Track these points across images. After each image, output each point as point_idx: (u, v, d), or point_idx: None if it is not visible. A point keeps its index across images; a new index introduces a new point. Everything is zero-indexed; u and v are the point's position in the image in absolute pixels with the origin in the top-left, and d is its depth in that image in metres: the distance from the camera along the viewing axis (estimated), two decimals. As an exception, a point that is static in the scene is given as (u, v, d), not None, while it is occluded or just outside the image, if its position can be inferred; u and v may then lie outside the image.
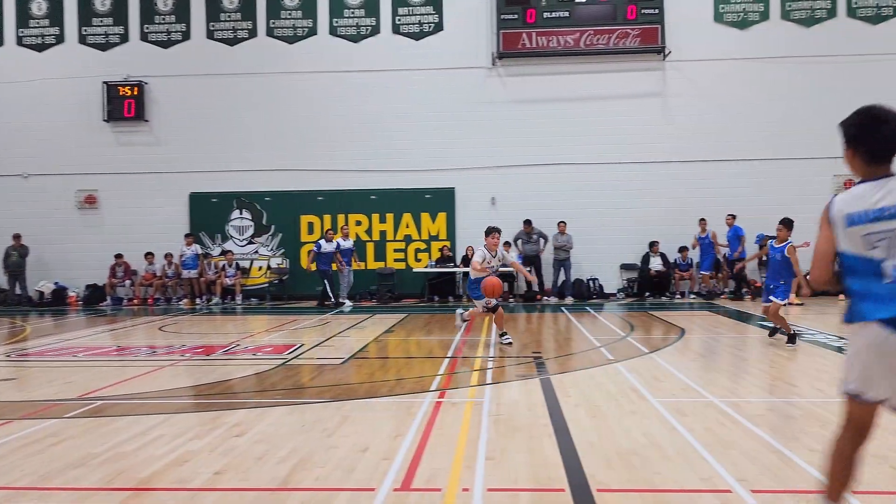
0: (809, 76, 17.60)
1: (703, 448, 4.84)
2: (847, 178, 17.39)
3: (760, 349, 9.73)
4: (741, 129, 17.72)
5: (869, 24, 17.63)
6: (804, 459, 4.56)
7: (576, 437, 5.17)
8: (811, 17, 17.74)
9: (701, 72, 17.86)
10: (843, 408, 3.20)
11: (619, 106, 18.00)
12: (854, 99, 14.13)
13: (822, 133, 17.47)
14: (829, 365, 8.15)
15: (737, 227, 16.73)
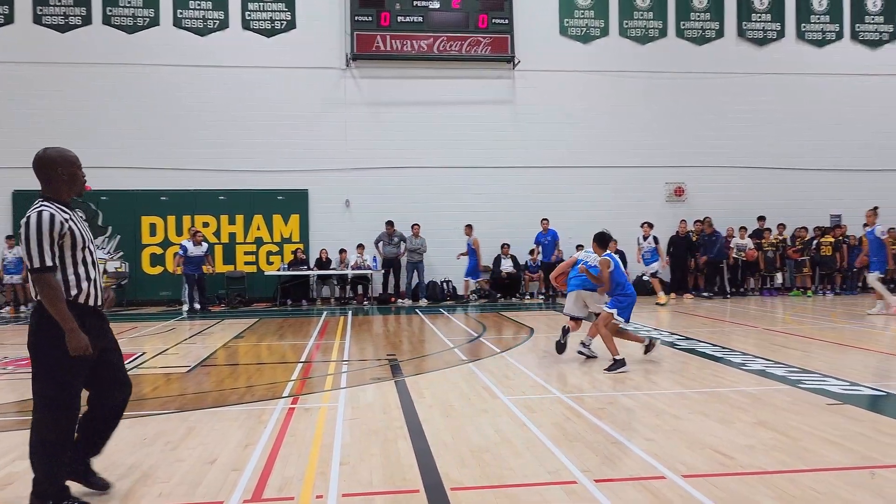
0: (644, 90, 18.90)
1: (551, 442, 5.03)
2: (677, 186, 18.89)
3: (603, 346, 10.29)
4: (584, 138, 18.71)
5: (694, 44, 19.20)
6: (641, 448, 4.86)
7: (430, 438, 5.20)
8: (645, 36, 19.06)
9: (548, 82, 18.67)
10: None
11: (471, 112, 18.45)
12: (682, 112, 15.46)
13: (655, 143, 19.13)
14: (665, 359, 8.76)
15: (552, 231, 17.57)
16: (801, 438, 5.05)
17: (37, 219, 3.72)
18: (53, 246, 3.75)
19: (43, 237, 3.70)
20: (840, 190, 19.24)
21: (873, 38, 19.76)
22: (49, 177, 3.89)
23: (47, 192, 3.89)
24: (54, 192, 3.90)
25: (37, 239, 3.69)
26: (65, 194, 3.94)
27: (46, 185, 3.90)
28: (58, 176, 3.89)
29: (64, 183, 3.91)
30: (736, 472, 4.34)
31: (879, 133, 19.45)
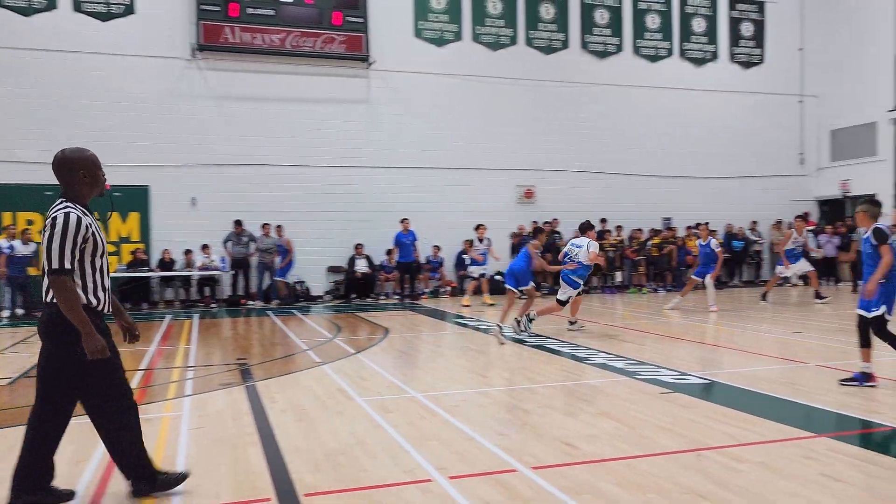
0: (496, 95, 19.46)
1: (407, 442, 5.04)
2: (527, 188, 19.61)
3: (457, 345, 10.50)
4: (439, 140, 18.97)
5: (543, 53, 20.04)
6: (494, 443, 4.98)
7: (282, 444, 5.05)
8: (497, 43, 19.65)
9: (403, 83, 18.76)
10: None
11: (325, 110, 18.17)
12: (532, 118, 16.00)
13: (506, 147, 19.74)
14: (516, 356, 9.06)
15: (399, 234, 17.70)
16: (639, 426, 5.38)
17: (64, 220, 3.67)
18: (76, 249, 3.71)
19: (67, 239, 3.67)
20: (670, 195, 20.80)
21: (698, 56, 21.54)
22: (70, 179, 3.84)
23: (69, 193, 3.84)
24: (76, 194, 3.85)
25: (60, 240, 3.66)
26: (86, 196, 3.90)
27: (68, 187, 3.85)
28: (79, 178, 3.85)
29: (85, 185, 3.87)
30: (581, 462, 4.56)
31: (704, 143, 21.23)
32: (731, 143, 21.50)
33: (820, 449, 4.77)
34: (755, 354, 8.91)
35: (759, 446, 4.83)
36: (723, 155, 21.40)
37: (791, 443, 4.92)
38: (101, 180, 3.98)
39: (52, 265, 3.66)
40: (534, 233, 11.92)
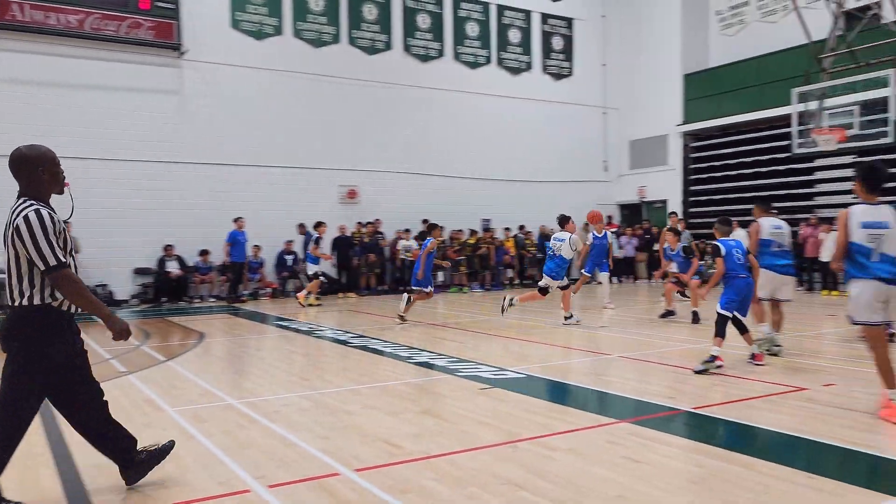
0: (317, 93, 19.16)
1: (222, 451, 4.79)
2: (350, 188, 19.49)
3: (278, 348, 10.18)
4: (259, 136, 18.33)
5: (366, 53, 20.04)
6: (317, 448, 4.86)
7: (80, 463, 4.59)
8: (319, 40, 19.35)
9: (220, 75, 17.92)
10: (864, 333, 5.74)
11: (132, 100, 16.90)
12: (355, 118, 15.84)
13: (329, 146, 19.49)
14: (339, 357, 8.94)
15: (234, 232, 17.03)
16: (459, 422, 5.51)
17: (37, 217, 3.58)
18: (59, 242, 3.62)
19: (49, 235, 3.58)
20: (489, 197, 21.65)
21: (514, 65, 22.60)
22: (30, 177, 3.73)
23: (29, 192, 3.72)
24: (35, 192, 3.74)
25: (44, 237, 3.57)
26: (47, 194, 3.80)
27: (27, 185, 3.73)
28: (38, 175, 3.74)
29: (45, 183, 3.77)
30: (404, 460, 4.57)
31: (521, 148, 22.31)
32: (545, 149, 22.78)
33: (622, 433, 5.14)
34: (566, 348, 9.47)
35: (570, 434, 5.12)
36: (537, 160, 22.62)
37: (597, 429, 5.27)
38: (61, 178, 3.88)
39: (49, 262, 3.57)
40: (428, 229, 12.57)
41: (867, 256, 5.47)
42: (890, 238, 5.44)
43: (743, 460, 4.45)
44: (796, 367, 7.57)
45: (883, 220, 5.49)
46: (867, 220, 5.51)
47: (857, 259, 5.53)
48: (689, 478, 4.24)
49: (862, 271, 5.50)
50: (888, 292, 5.44)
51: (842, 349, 8.79)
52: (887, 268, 5.42)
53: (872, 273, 5.44)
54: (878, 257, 5.43)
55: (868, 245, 5.46)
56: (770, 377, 7.07)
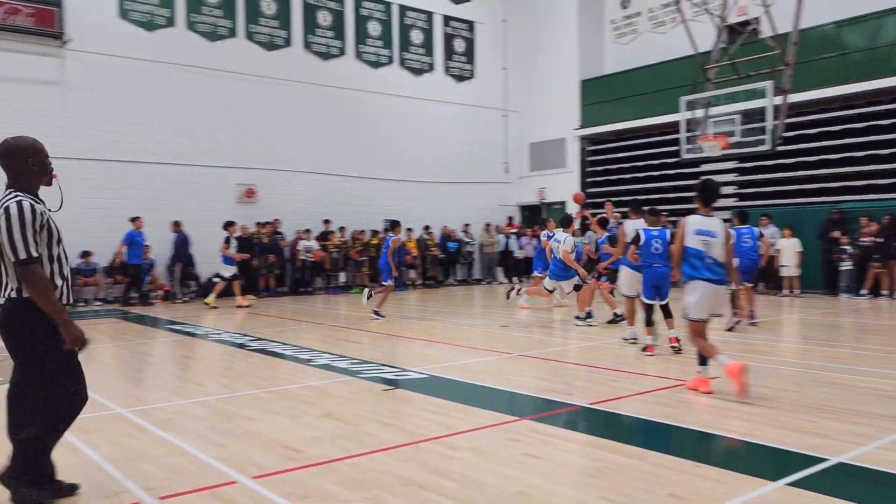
0: (213, 88, 18.53)
1: (109, 464, 4.54)
2: (248, 187, 18.96)
3: (171, 353, 9.77)
4: (150, 132, 17.55)
5: (264, 49, 19.55)
6: (213, 456, 4.68)
7: None
8: (214, 33, 18.72)
9: (107, 67, 17.02)
10: (690, 327, 6.45)
11: (8, 91, 15.77)
12: (253, 115, 15.45)
13: (226, 143, 18.91)
14: (237, 361, 8.66)
15: (132, 233, 16.24)
16: (362, 424, 5.45)
17: (17, 209, 3.57)
18: (36, 236, 3.60)
19: (26, 227, 3.56)
20: (392, 198, 21.60)
21: (417, 66, 22.67)
22: (19, 168, 3.74)
23: (17, 184, 3.73)
24: (24, 184, 3.74)
25: (20, 229, 3.55)
26: (35, 186, 3.80)
27: (16, 177, 3.74)
28: (28, 167, 3.75)
29: (34, 174, 3.78)
30: (304, 465, 4.47)
31: (424, 149, 22.39)
32: (448, 150, 22.97)
33: (523, 430, 5.23)
34: (467, 348, 9.56)
35: (471, 433, 5.17)
36: (440, 161, 22.77)
37: (498, 427, 5.34)
38: (49, 169, 3.87)
39: (19, 255, 3.53)
40: (391, 226, 13.10)
41: (701, 259, 6.33)
42: (717, 245, 6.34)
43: (636, 452, 4.62)
44: (684, 362, 7.95)
45: (712, 229, 6.40)
46: (700, 228, 6.39)
47: (692, 262, 6.38)
48: (586, 471, 4.36)
49: (696, 272, 6.35)
50: (715, 291, 6.34)
51: (729, 345, 9.29)
52: (716, 271, 6.34)
53: (703, 274, 6.31)
54: (709, 261, 6.33)
55: (701, 249, 6.33)
56: (661, 372, 7.38)
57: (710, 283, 6.32)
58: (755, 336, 10.07)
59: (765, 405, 5.86)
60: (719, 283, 6.35)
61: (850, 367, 7.56)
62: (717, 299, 6.40)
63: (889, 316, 12.63)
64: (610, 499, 3.83)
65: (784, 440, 4.85)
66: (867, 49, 16.64)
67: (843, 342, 9.58)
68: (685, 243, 6.40)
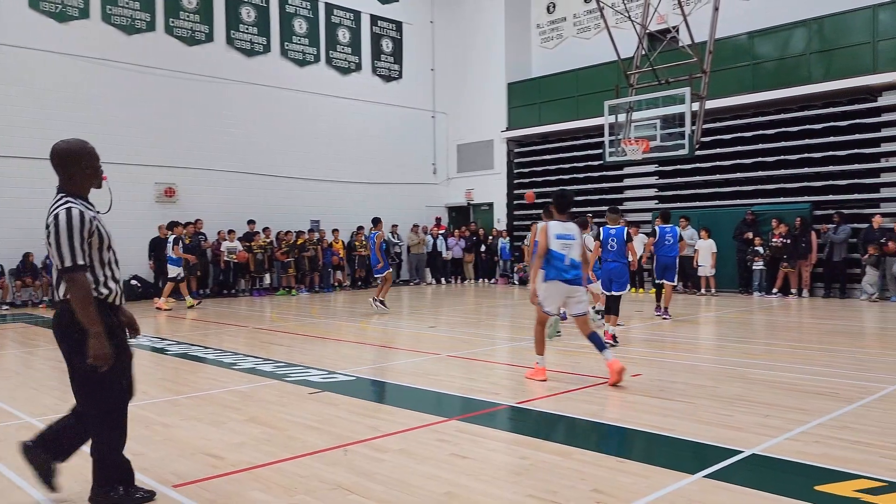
0: (130, 84, 17.87)
1: (18, 476, 4.30)
2: (167, 186, 18.37)
3: (83, 358, 9.34)
4: (61, 129, 16.76)
5: (185, 44, 18.98)
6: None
7: None
8: (132, 26, 18.05)
9: (16, 60, 16.18)
10: (539, 314, 7.01)
11: None
12: (173, 112, 15.09)
13: (144, 141, 18.28)
14: (156, 366, 8.37)
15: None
16: (287, 429, 5.34)
17: (66, 216, 3.55)
18: (83, 244, 3.59)
19: (74, 235, 3.54)
20: (319, 198, 21.34)
21: (344, 65, 22.46)
22: (72, 172, 3.72)
23: (69, 186, 3.71)
24: (77, 187, 3.73)
25: (67, 237, 3.53)
26: (87, 189, 3.79)
27: (68, 180, 3.72)
28: (82, 170, 3.74)
29: (87, 178, 3.77)
30: (227, 472, 4.35)
31: (351, 149, 22.21)
32: (375, 150, 22.85)
33: (450, 431, 5.24)
34: (396, 349, 9.52)
35: (400, 435, 5.14)
36: (368, 161, 22.64)
37: (426, 428, 5.33)
38: (100, 171, 3.84)
39: (65, 262, 3.51)
40: (374, 223, 14.04)
41: (561, 261, 6.87)
42: (576, 247, 6.95)
43: (561, 449, 4.70)
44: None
45: (570, 233, 6.97)
46: (560, 232, 6.94)
47: (553, 263, 6.90)
48: (513, 470, 4.40)
49: (555, 273, 6.88)
50: (571, 290, 6.91)
51: (649, 342, 9.57)
52: (575, 271, 6.92)
53: (561, 275, 6.86)
54: (569, 262, 6.88)
55: (562, 252, 6.88)
56: (586, 371, 7.54)
57: (567, 282, 6.87)
58: (675, 333, 10.40)
59: (684, 400, 6.06)
60: (574, 282, 6.91)
61: (763, 362, 7.90)
62: (569, 295, 6.95)
63: (798, 314, 13.27)
64: (536, 496, 3.87)
65: (702, 434, 5.02)
66: (777, 59, 17.47)
67: (757, 339, 10.01)
68: (549, 247, 6.90)
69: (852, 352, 8.61)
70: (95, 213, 3.74)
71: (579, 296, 6.99)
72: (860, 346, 9.17)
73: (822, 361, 7.91)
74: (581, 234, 7.07)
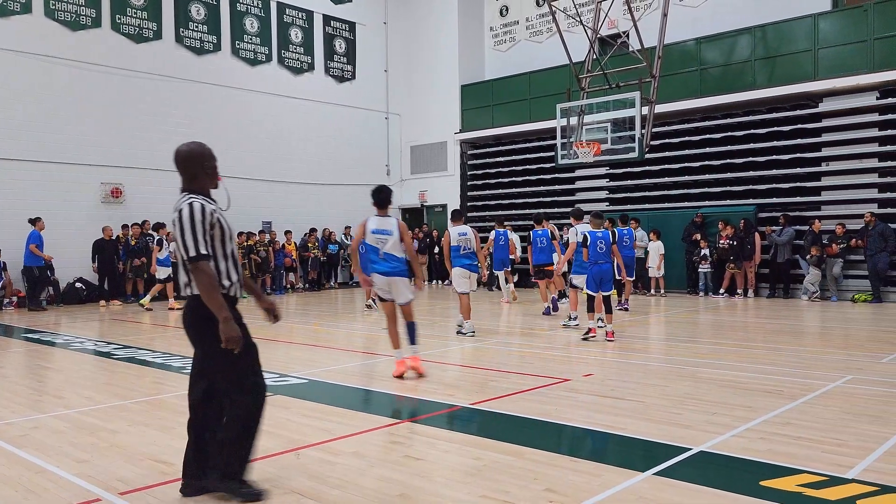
0: (75, 81, 17.37)
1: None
2: (114, 186, 17.90)
3: (26, 363, 9.06)
4: (5, 126, 16.21)
5: (132, 41, 18.52)
6: (74, 472, 4.37)
7: None
8: (77, 22, 17.54)
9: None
10: (382, 307, 7.53)
11: None
12: (119, 110, 14.77)
13: (89, 140, 17.79)
14: (103, 371, 8.15)
15: (36, 234, 15.45)
16: (239, 433, 5.25)
17: (189, 210, 3.79)
18: (206, 235, 3.79)
19: (196, 227, 3.76)
20: (271, 198, 21.06)
21: (296, 65, 22.22)
22: (195, 172, 3.99)
23: (191, 186, 3.97)
24: (199, 186, 3.99)
25: (191, 228, 3.76)
26: (207, 189, 4.02)
27: (191, 180, 3.98)
28: (203, 171, 4.00)
29: (208, 177, 4.02)
30: (176, 479, 4.25)
31: (304, 150, 21.98)
32: (329, 151, 22.68)
33: (404, 432, 5.23)
34: (348, 351, 9.46)
35: (353, 437, 5.11)
36: (321, 162, 22.45)
37: (380, 430, 5.31)
38: (217, 172, 4.10)
39: (189, 252, 3.73)
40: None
41: (375, 254, 7.29)
42: (394, 242, 7.24)
43: (514, 450, 4.73)
44: (563, 361, 8.23)
45: (388, 228, 7.29)
46: (377, 227, 7.29)
47: (370, 256, 7.37)
48: (466, 470, 4.41)
49: (372, 265, 7.33)
50: (389, 281, 7.27)
51: (601, 342, 9.71)
52: (388, 264, 7.26)
53: (377, 268, 7.27)
54: (384, 255, 7.26)
55: (376, 246, 7.26)
56: (539, 371, 7.61)
57: (383, 274, 7.25)
58: (626, 333, 10.57)
59: (635, 399, 6.17)
60: (392, 273, 7.25)
61: (711, 361, 8.09)
62: (391, 286, 7.30)
63: (743, 313, 13.63)
64: (490, 497, 3.89)
65: (652, 432, 5.11)
66: (723, 65, 17.92)
67: (705, 339, 10.24)
68: (364, 240, 7.34)
69: (795, 350, 8.88)
70: (217, 208, 3.97)
71: (400, 286, 7.30)
72: (803, 344, 9.46)
73: (767, 360, 8.14)
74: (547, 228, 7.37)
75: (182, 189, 4.00)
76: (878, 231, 14.96)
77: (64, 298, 16.69)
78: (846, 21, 16.23)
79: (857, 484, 3.98)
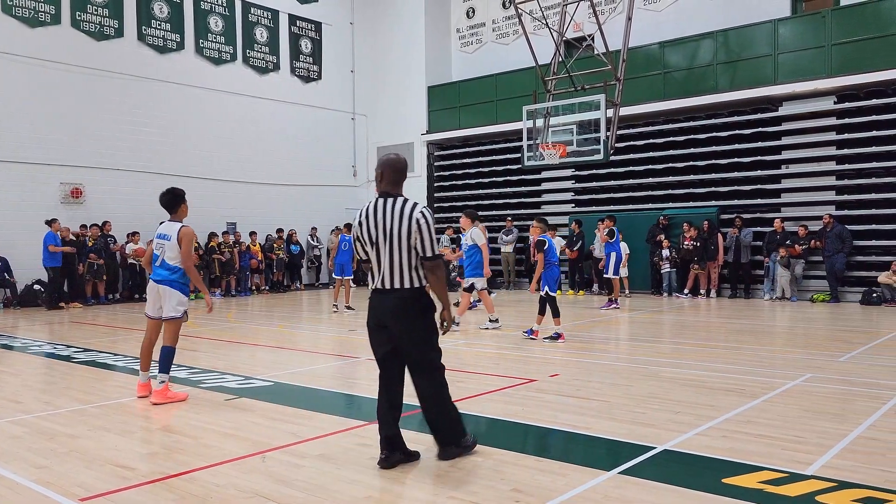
0: (34, 78, 16.97)
1: None
2: (74, 187, 17.52)
3: None
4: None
5: (92, 39, 18.15)
6: (32, 478, 4.27)
7: None
8: (35, 19, 17.14)
9: None
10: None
11: None
12: (79, 109, 14.54)
13: (48, 138, 17.39)
14: (61, 376, 7.97)
15: (52, 235, 15.52)
16: (201, 436, 5.18)
17: (431, 215, 4.48)
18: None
19: (432, 230, 4.44)
20: (235, 200, 20.81)
21: (261, 65, 21.99)
22: (401, 179, 4.57)
23: (397, 190, 4.54)
24: (400, 192, 4.55)
25: (433, 232, 4.44)
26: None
27: (397, 186, 4.54)
28: (404, 178, 4.61)
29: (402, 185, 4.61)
30: (138, 483, 4.18)
31: (269, 150, 21.76)
32: (294, 152, 22.48)
33: (371, 435, 5.19)
34: (314, 353, 9.39)
35: (320, 440, 5.07)
36: (287, 163, 22.25)
37: (347, 433, 5.28)
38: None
39: (431, 253, 4.38)
40: (347, 228, 14.97)
41: (154, 261, 6.47)
42: (170, 248, 6.39)
43: (481, 450, 4.74)
44: (529, 361, 8.27)
45: (168, 233, 6.43)
46: (160, 232, 6.47)
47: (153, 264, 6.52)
48: (433, 472, 4.41)
49: (152, 275, 6.49)
50: (159, 290, 6.43)
51: (567, 343, 9.77)
52: (159, 272, 6.44)
53: (153, 275, 6.48)
54: (160, 262, 6.44)
55: (156, 252, 6.48)
56: (503, 372, 7.63)
57: (156, 282, 6.44)
58: (591, 334, 10.67)
59: (600, 399, 6.22)
60: (161, 282, 6.40)
61: (674, 360, 8.21)
62: (159, 297, 6.47)
63: (706, 313, 13.85)
64: (457, 497, 3.89)
65: (617, 431, 5.16)
66: (686, 69, 18.19)
67: (668, 339, 10.38)
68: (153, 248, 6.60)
69: (756, 349, 9.04)
70: None
71: (168, 297, 6.43)
72: (763, 344, 9.64)
73: (729, 359, 8.28)
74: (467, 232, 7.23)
75: (389, 193, 4.47)
76: (836, 233, 15.33)
77: (21, 300, 16.29)
78: (805, 27, 16.61)
79: (817, 480, 4.07)
